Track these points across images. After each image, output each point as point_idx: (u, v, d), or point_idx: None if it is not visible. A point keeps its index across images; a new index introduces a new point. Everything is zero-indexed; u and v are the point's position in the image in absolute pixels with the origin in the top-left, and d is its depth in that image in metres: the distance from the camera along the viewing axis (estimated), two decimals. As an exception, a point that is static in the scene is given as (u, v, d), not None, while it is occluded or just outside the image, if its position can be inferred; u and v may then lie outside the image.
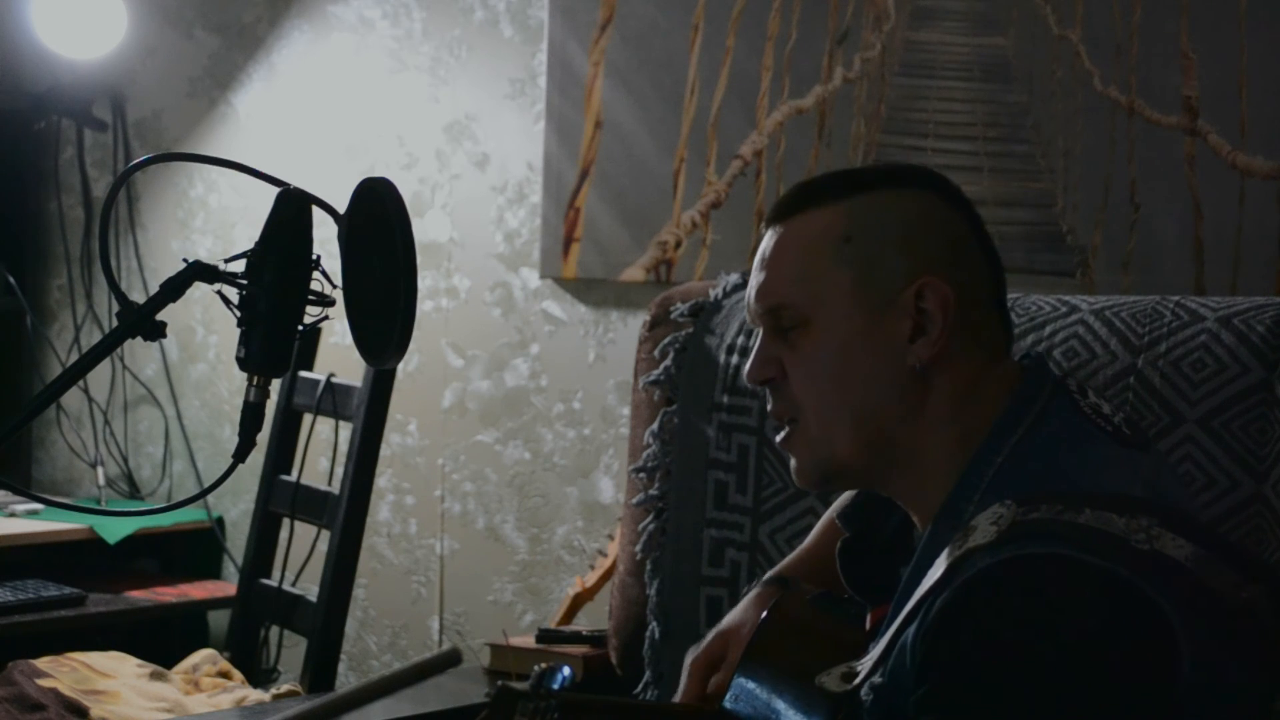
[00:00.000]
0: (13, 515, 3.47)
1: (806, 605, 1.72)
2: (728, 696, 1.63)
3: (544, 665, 1.50)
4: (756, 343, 1.63)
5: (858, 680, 1.48)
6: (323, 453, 3.21)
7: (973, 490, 1.51)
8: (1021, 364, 1.63)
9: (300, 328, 1.63)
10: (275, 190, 1.65)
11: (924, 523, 1.58)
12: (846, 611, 1.69)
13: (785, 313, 1.60)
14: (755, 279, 1.63)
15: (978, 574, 1.40)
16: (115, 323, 1.61)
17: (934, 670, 1.40)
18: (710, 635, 1.83)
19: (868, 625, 1.65)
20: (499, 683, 1.46)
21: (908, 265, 1.56)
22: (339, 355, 3.16)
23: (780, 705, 1.58)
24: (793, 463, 1.63)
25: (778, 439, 1.64)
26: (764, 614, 1.71)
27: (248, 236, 2.50)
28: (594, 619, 2.90)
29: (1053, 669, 1.36)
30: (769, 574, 1.91)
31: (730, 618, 1.84)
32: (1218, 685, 1.39)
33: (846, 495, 1.84)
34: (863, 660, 1.49)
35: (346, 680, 3.31)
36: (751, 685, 1.62)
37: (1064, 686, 1.36)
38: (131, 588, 3.41)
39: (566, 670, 1.49)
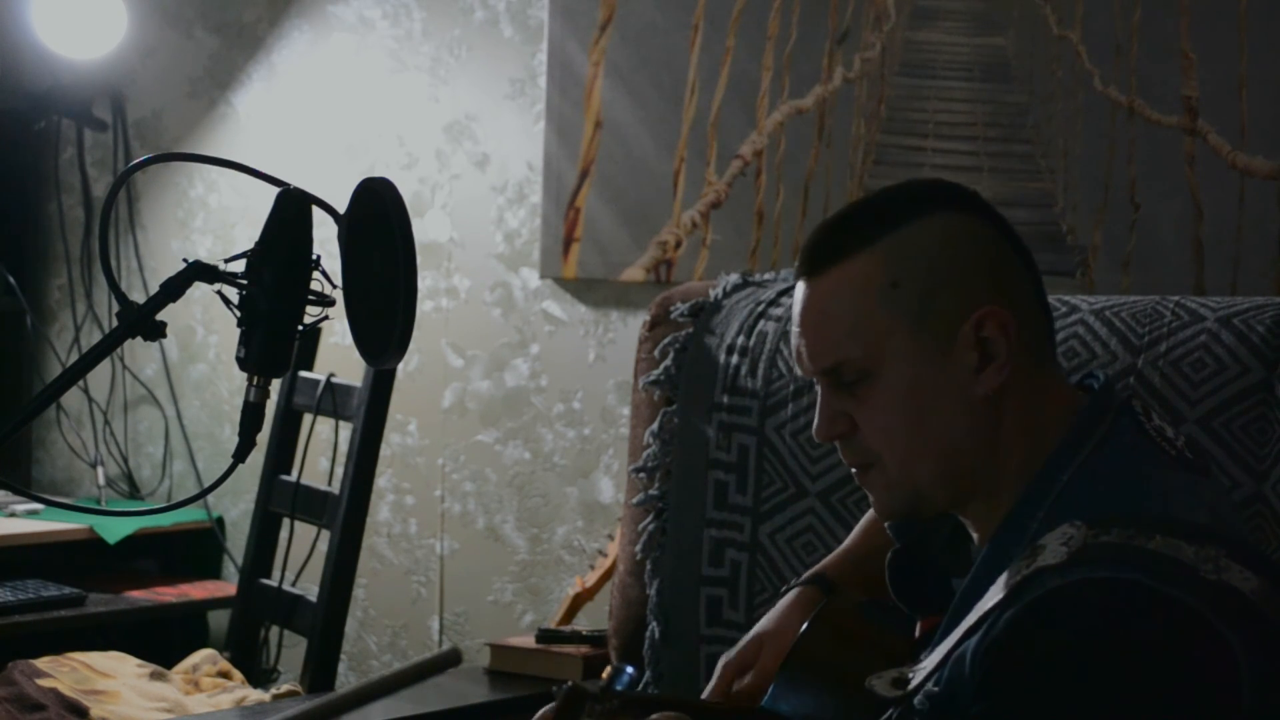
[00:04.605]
0: (13, 515, 3.47)
1: (853, 613, 1.72)
2: (767, 698, 1.63)
3: (612, 667, 1.51)
4: (819, 400, 1.60)
5: (911, 686, 1.47)
6: (323, 453, 3.21)
7: (1036, 508, 1.50)
8: (1085, 383, 1.62)
9: (300, 328, 1.63)
10: (275, 190, 1.65)
11: (983, 537, 1.57)
12: (893, 621, 1.69)
13: (846, 369, 1.56)
14: (803, 338, 1.59)
15: (1048, 593, 1.39)
16: (115, 323, 1.61)
17: (998, 685, 1.39)
18: (746, 638, 1.82)
19: (917, 634, 1.65)
20: (568, 683, 1.47)
21: (961, 299, 1.54)
22: (339, 355, 3.16)
23: (825, 710, 1.58)
24: (873, 499, 1.61)
25: (855, 476, 1.62)
26: (806, 623, 1.70)
27: (248, 236, 2.50)
28: (594, 619, 2.90)
29: (1116, 694, 1.35)
30: (808, 573, 1.89)
31: (767, 620, 1.83)
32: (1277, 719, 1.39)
33: None
34: (916, 667, 1.49)
35: (346, 680, 3.31)
36: (794, 689, 1.62)
37: (1126, 713, 1.36)
38: (131, 588, 3.41)
39: (630, 670, 1.50)
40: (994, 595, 1.43)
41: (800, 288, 1.60)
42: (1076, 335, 2.09)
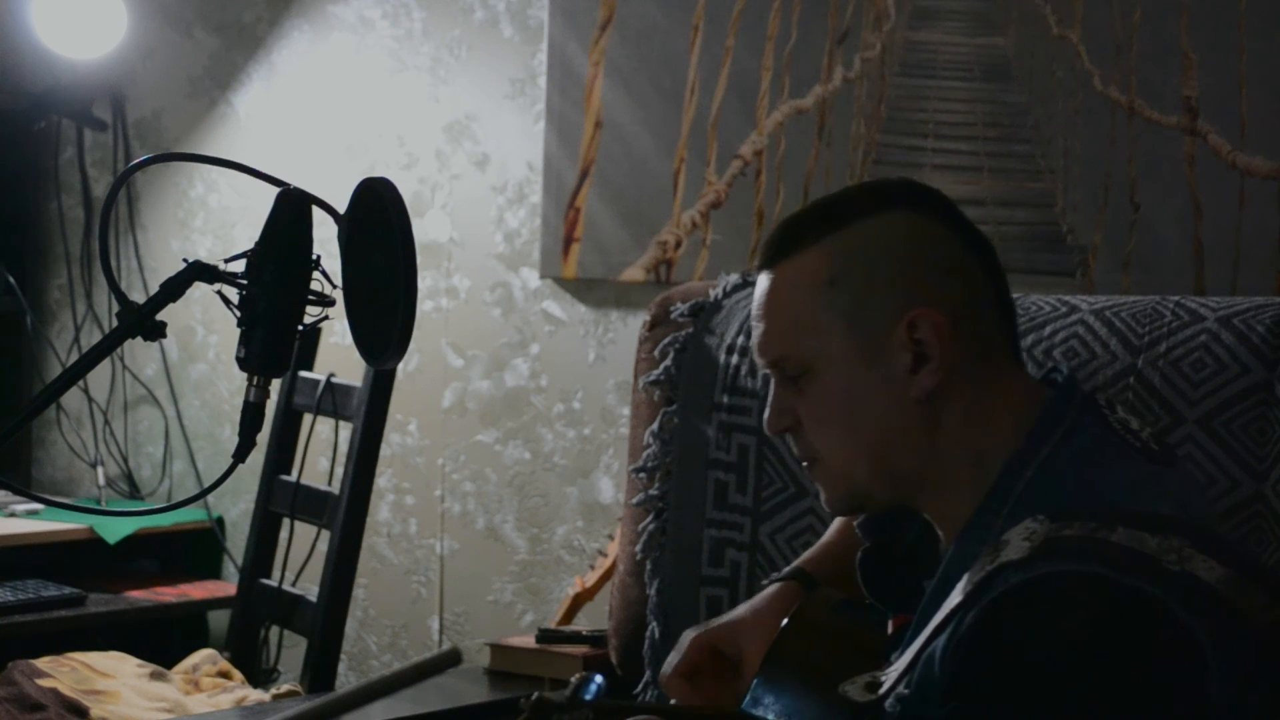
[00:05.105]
0: (13, 515, 3.47)
1: (829, 611, 1.72)
2: (747, 700, 1.63)
3: (579, 675, 1.50)
4: (771, 392, 1.63)
5: (883, 690, 1.47)
6: (323, 453, 3.21)
7: (1000, 504, 1.51)
8: (1050, 378, 1.62)
9: (300, 328, 1.64)
10: (275, 190, 1.65)
11: (949, 535, 1.58)
12: (868, 619, 1.69)
13: (787, 363, 1.59)
14: (756, 330, 1.62)
15: (1010, 589, 1.39)
16: (115, 323, 1.61)
17: (964, 685, 1.39)
18: (719, 620, 1.82)
19: (890, 631, 1.65)
20: (535, 694, 1.47)
21: (895, 300, 1.55)
22: (339, 355, 3.16)
23: (804, 713, 1.58)
24: (822, 494, 1.64)
25: (805, 469, 1.64)
26: (785, 620, 1.70)
27: (248, 236, 2.49)
28: (594, 619, 2.90)
29: (1083, 688, 1.35)
30: (787, 568, 1.90)
31: (745, 609, 1.83)
32: (1246, 707, 1.38)
33: None
34: (887, 670, 1.49)
35: (346, 680, 3.31)
36: (773, 690, 1.62)
37: (1093, 706, 1.35)
38: (131, 588, 3.41)
39: (599, 679, 1.49)
40: (959, 593, 1.43)
41: (759, 279, 1.63)
42: (1076, 335, 2.09)
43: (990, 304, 1.59)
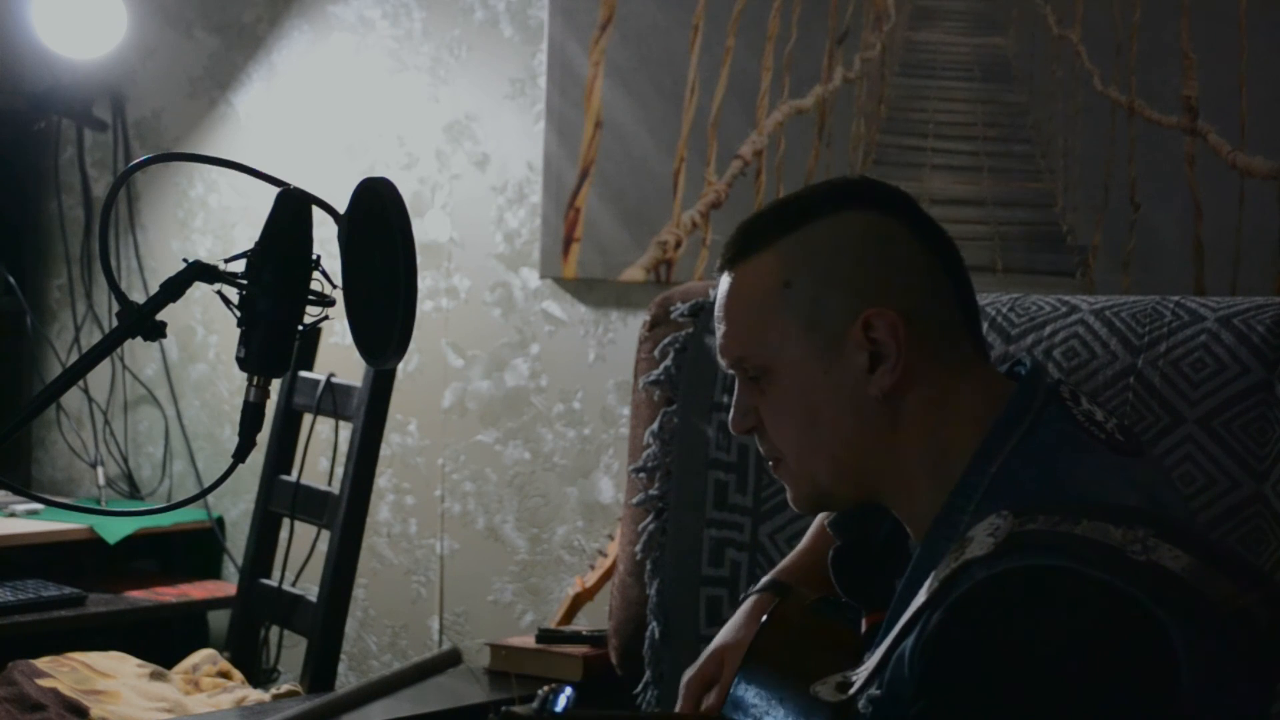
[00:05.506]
0: (13, 515, 3.47)
1: (806, 610, 1.72)
2: (727, 704, 1.63)
3: (548, 688, 1.50)
4: (735, 392, 1.63)
5: (853, 690, 1.47)
6: (323, 453, 3.21)
7: (967, 501, 1.51)
8: (1014, 371, 1.62)
9: (300, 328, 1.64)
10: (275, 190, 1.65)
11: (917, 533, 1.58)
12: (846, 616, 1.69)
13: (747, 364, 1.60)
14: (718, 331, 1.63)
15: (975, 586, 1.39)
16: (115, 323, 1.61)
17: (933, 683, 1.40)
18: (706, 653, 1.84)
19: (864, 629, 1.65)
20: (503, 708, 1.47)
21: (850, 300, 1.55)
22: (339, 355, 3.16)
23: (780, 713, 1.58)
24: (788, 493, 1.64)
25: (770, 468, 1.65)
26: (764, 618, 1.71)
27: (248, 236, 2.50)
28: (594, 619, 2.90)
29: (1051, 682, 1.36)
30: (764, 580, 1.91)
31: (725, 633, 1.84)
32: (1217, 695, 1.39)
33: None
34: (858, 670, 1.49)
35: (346, 680, 3.31)
36: (752, 692, 1.62)
37: (1063, 700, 1.36)
38: (131, 588, 3.41)
39: (569, 690, 1.49)
40: (926, 592, 1.43)
41: (720, 280, 1.64)
42: (1076, 335, 2.09)
43: (950, 301, 1.58)
